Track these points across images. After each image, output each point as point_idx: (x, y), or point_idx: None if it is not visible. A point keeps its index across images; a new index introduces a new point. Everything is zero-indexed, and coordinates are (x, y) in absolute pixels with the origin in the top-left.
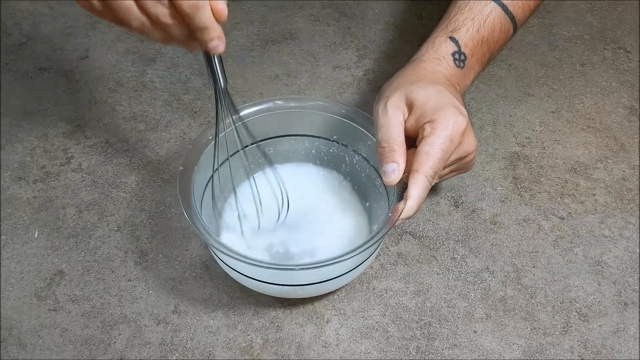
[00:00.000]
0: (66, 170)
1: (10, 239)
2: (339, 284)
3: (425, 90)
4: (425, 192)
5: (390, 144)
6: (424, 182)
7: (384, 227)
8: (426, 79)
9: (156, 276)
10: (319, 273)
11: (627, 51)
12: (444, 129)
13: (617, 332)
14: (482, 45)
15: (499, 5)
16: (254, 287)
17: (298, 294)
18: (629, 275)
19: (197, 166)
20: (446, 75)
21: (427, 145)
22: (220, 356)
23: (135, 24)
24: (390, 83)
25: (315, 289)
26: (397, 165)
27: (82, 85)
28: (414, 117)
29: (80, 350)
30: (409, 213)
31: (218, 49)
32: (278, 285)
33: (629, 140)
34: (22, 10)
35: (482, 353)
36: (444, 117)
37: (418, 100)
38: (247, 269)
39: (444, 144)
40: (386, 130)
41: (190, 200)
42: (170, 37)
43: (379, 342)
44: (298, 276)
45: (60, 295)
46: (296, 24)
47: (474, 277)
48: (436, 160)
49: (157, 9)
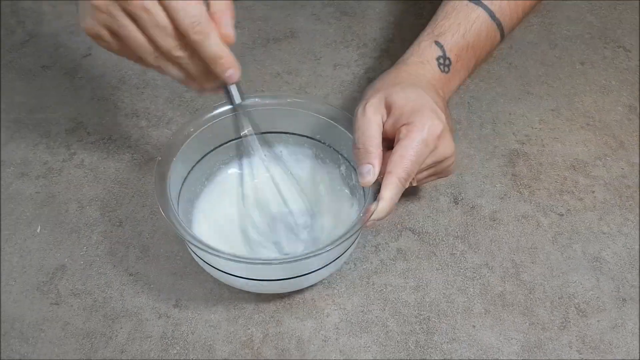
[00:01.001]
0: (68, 166)
1: (12, 233)
2: (313, 279)
3: (404, 92)
4: (398, 194)
5: (365, 145)
6: (396, 184)
7: (354, 226)
8: (407, 82)
9: (157, 271)
10: (290, 269)
11: (627, 50)
12: (419, 132)
13: (615, 327)
14: (468, 50)
15: (485, 12)
16: (230, 283)
17: (268, 289)
18: (628, 271)
19: (176, 158)
20: (429, 79)
21: (401, 147)
22: (220, 350)
23: (151, 60)
24: (373, 85)
25: (289, 283)
26: (372, 166)
27: (84, 83)
28: (392, 119)
29: (82, 344)
30: (381, 214)
31: (233, 78)
32: (245, 279)
33: (628, 138)
34: (26, 8)
35: (481, 347)
36: (420, 120)
37: (397, 103)
38: (216, 261)
39: (418, 147)
40: (362, 132)
41: (165, 191)
42: (187, 74)
43: (378, 336)
44: (269, 271)
45: (62, 289)
46: (297, 23)
47: (473, 273)
48: (409, 163)
49: (167, 41)
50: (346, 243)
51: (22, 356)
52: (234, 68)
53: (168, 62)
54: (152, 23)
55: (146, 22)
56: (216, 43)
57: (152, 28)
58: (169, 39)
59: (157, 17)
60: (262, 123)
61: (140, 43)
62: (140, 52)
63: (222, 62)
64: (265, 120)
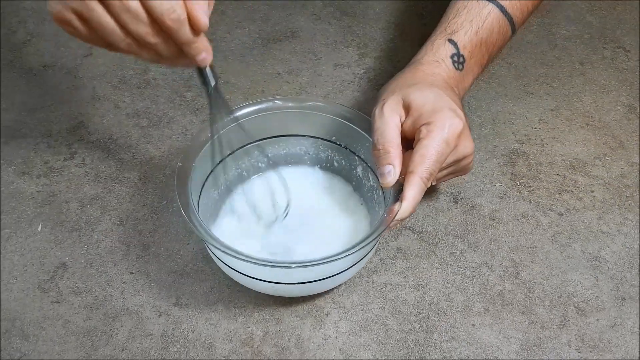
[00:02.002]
0: (69, 165)
1: (14, 232)
2: (333, 283)
3: (422, 92)
4: (421, 194)
5: (385, 146)
6: (419, 183)
7: (378, 227)
8: (424, 82)
9: (158, 269)
10: (312, 272)
11: (627, 50)
12: (440, 131)
13: (614, 326)
14: (481, 47)
15: (497, 7)
16: (250, 285)
17: (293, 292)
18: (627, 270)
19: (196, 162)
20: (444, 77)
21: (422, 147)
22: (220, 348)
23: (122, 46)
24: (388, 86)
25: (309, 287)
26: (393, 167)
27: (85, 82)
28: (411, 120)
29: (82, 342)
30: (404, 214)
31: (205, 61)
32: (271, 282)
33: (627, 138)
34: (27, 8)
35: (480, 346)
36: (440, 119)
37: (415, 103)
38: (241, 266)
39: (439, 146)
40: (382, 133)
41: (188, 196)
42: (160, 57)
43: (378, 334)
44: (292, 274)
45: (63, 287)
46: (298, 23)
47: (472, 272)
48: (431, 162)
49: (140, 28)
50: (370, 244)
51: (22, 354)
52: (207, 51)
53: (140, 47)
54: (124, 8)
55: (118, 7)
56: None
57: (124, 13)
58: (142, 25)
59: (129, 3)
60: (274, 127)
61: (111, 29)
62: (112, 39)
63: (196, 45)
64: (279, 123)
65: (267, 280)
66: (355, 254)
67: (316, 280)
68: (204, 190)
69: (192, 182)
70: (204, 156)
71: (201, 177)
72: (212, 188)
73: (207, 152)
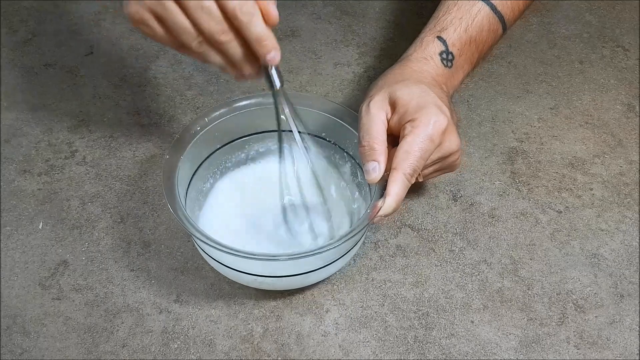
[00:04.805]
0: (70, 163)
1: (15, 229)
2: (317, 277)
3: (409, 89)
4: (404, 190)
5: (371, 143)
6: (402, 180)
7: (361, 223)
8: (411, 79)
9: (158, 266)
10: (295, 265)
11: (626, 49)
12: (425, 128)
13: (613, 323)
14: (471, 44)
15: (487, 5)
16: (235, 278)
17: (277, 285)
18: (625, 267)
19: (184, 155)
20: (433, 74)
21: (406, 144)
22: (221, 344)
23: (194, 45)
24: (376, 82)
25: (291, 281)
26: (378, 163)
27: (86, 81)
28: (397, 116)
29: (83, 338)
30: (387, 210)
31: (275, 59)
32: (254, 275)
33: (626, 136)
34: (28, 7)
35: (479, 343)
36: (425, 116)
37: (401, 99)
38: (225, 258)
39: (423, 143)
40: (367, 129)
41: (174, 188)
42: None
43: (377, 331)
44: (276, 267)
45: (64, 284)
46: (298, 22)
47: (471, 269)
48: (415, 159)
49: (212, 25)
50: (354, 239)
51: (23, 350)
52: (276, 50)
53: (210, 47)
54: (198, 6)
55: (192, 6)
56: (261, 24)
57: (198, 11)
58: (214, 22)
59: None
60: (264, 123)
61: (185, 27)
62: (184, 38)
63: (266, 43)
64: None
65: (250, 272)
66: (338, 249)
67: (299, 274)
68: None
69: (179, 175)
70: (192, 149)
71: (189, 171)
72: (200, 181)
73: (196, 146)
